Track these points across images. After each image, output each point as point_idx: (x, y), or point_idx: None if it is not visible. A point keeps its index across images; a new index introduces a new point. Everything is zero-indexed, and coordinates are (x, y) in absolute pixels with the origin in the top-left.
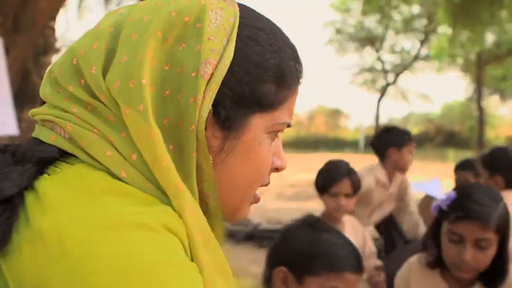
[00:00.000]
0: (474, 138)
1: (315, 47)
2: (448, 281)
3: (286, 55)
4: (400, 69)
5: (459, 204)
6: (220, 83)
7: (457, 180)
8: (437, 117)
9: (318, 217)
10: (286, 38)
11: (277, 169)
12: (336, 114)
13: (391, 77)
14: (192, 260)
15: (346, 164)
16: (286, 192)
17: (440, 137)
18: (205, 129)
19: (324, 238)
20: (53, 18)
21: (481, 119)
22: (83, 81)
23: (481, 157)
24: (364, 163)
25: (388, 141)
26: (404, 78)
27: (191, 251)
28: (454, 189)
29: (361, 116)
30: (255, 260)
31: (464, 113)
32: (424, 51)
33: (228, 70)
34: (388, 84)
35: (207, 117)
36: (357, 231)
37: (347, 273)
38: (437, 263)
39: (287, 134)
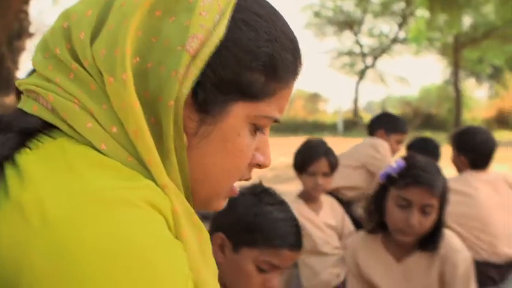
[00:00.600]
0: (451, 121)
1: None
2: (388, 247)
3: (282, 46)
4: (378, 52)
5: (409, 171)
6: (205, 61)
7: None
8: (415, 100)
9: (266, 188)
10: (289, 30)
11: (259, 165)
12: (314, 98)
13: (369, 61)
14: (176, 237)
15: (324, 144)
16: (266, 175)
17: (417, 120)
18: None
19: (266, 211)
20: (27, 1)
21: (458, 102)
22: (69, 45)
23: (451, 135)
24: (342, 146)
25: (381, 123)
26: (383, 61)
27: (176, 227)
28: (402, 158)
29: (339, 99)
30: None
31: (441, 95)
32: (402, 35)
33: (215, 50)
34: (366, 68)
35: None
36: (335, 211)
37: (284, 250)
38: (379, 229)
39: None
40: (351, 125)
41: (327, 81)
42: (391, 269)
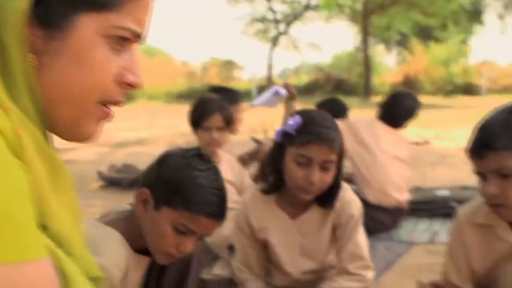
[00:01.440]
0: (361, 85)
1: None
2: (282, 206)
3: None
4: (291, 19)
5: (307, 128)
6: None
7: None
8: (328, 67)
9: (200, 153)
10: None
11: (130, 85)
12: (229, 65)
13: (282, 27)
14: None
15: (218, 99)
16: (176, 141)
17: (329, 85)
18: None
19: (192, 175)
20: None
21: (367, 67)
22: None
23: (379, 104)
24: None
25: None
26: (296, 28)
27: (18, 150)
28: (298, 113)
29: (254, 66)
30: None
31: (352, 61)
32: (314, 1)
33: None
34: (279, 34)
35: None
36: (234, 167)
37: (201, 216)
38: (275, 189)
39: (180, 85)
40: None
41: (241, 48)
42: (286, 226)
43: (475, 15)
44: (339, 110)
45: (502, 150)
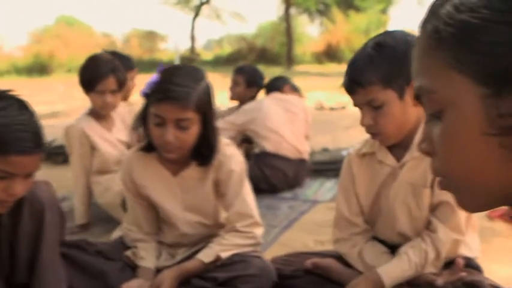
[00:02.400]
0: (284, 55)
1: None
2: (164, 163)
3: None
4: None
5: (160, 86)
6: None
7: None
8: (252, 37)
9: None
10: None
11: None
12: (151, 36)
13: None
14: None
15: (110, 60)
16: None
17: (253, 55)
18: None
19: None
20: None
21: (289, 37)
22: None
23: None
24: None
25: None
26: None
27: None
28: (158, 72)
29: (178, 37)
30: (52, 176)
31: (275, 31)
32: None
33: None
34: (201, 4)
35: None
36: (128, 127)
37: (13, 156)
38: (150, 148)
39: None
40: (188, 62)
41: (163, 19)
42: (167, 183)
43: None
44: (253, 77)
45: (368, 85)
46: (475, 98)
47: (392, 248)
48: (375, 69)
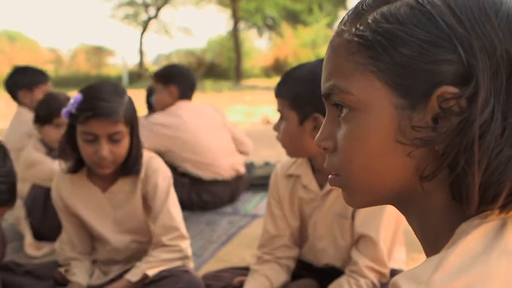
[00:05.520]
0: (233, 69)
1: None
2: (93, 180)
3: None
4: (161, 3)
5: (86, 105)
6: None
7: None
8: (201, 52)
9: None
10: None
11: None
12: (98, 51)
13: (152, 11)
14: None
15: (65, 95)
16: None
17: (202, 69)
18: None
19: None
20: None
21: (238, 52)
22: None
23: (155, 73)
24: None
25: (19, 83)
26: (166, 12)
27: None
28: (80, 91)
29: (127, 52)
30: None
31: (224, 46)
32: None
33: None
34: (150, 19)
35: None
36: None
37: None
38: (78, 168)
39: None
40: (136, 77)
41: (111, 34)
42: (98, 200)
43: (340, 0)
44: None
45: (279, 98)
46: (391, 107)
47: (319, 273)
48: (288, 89)
